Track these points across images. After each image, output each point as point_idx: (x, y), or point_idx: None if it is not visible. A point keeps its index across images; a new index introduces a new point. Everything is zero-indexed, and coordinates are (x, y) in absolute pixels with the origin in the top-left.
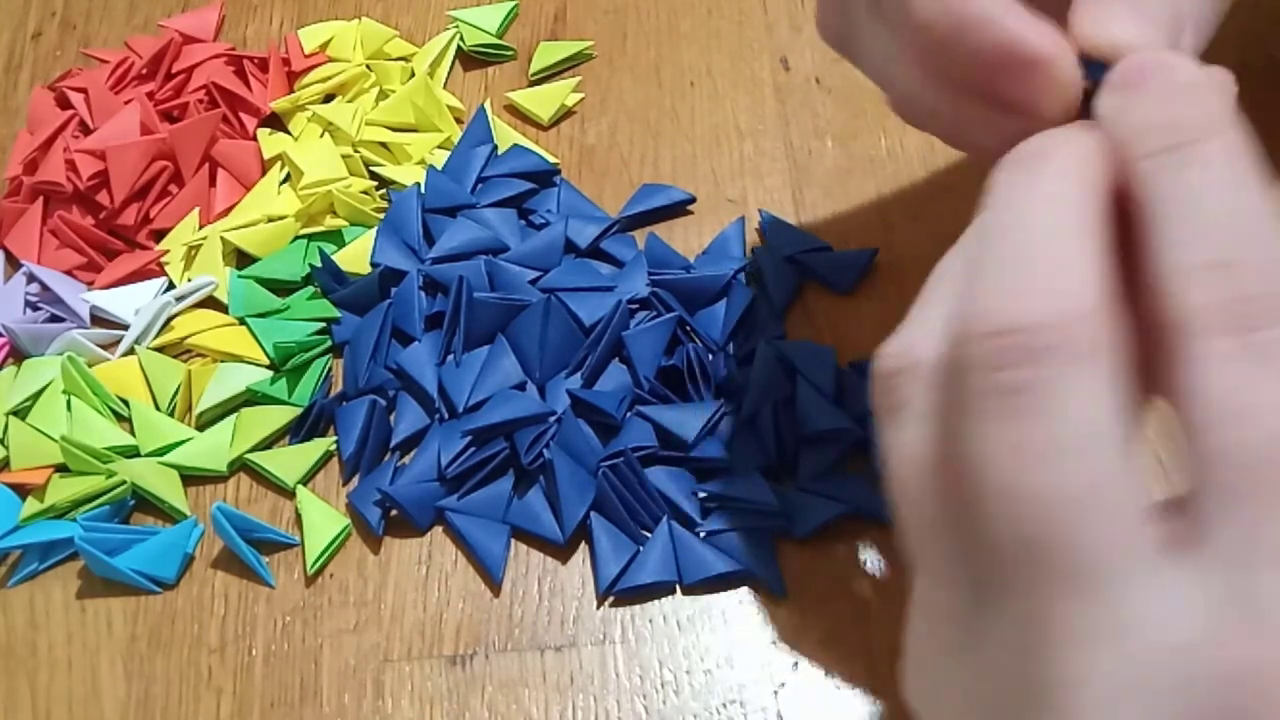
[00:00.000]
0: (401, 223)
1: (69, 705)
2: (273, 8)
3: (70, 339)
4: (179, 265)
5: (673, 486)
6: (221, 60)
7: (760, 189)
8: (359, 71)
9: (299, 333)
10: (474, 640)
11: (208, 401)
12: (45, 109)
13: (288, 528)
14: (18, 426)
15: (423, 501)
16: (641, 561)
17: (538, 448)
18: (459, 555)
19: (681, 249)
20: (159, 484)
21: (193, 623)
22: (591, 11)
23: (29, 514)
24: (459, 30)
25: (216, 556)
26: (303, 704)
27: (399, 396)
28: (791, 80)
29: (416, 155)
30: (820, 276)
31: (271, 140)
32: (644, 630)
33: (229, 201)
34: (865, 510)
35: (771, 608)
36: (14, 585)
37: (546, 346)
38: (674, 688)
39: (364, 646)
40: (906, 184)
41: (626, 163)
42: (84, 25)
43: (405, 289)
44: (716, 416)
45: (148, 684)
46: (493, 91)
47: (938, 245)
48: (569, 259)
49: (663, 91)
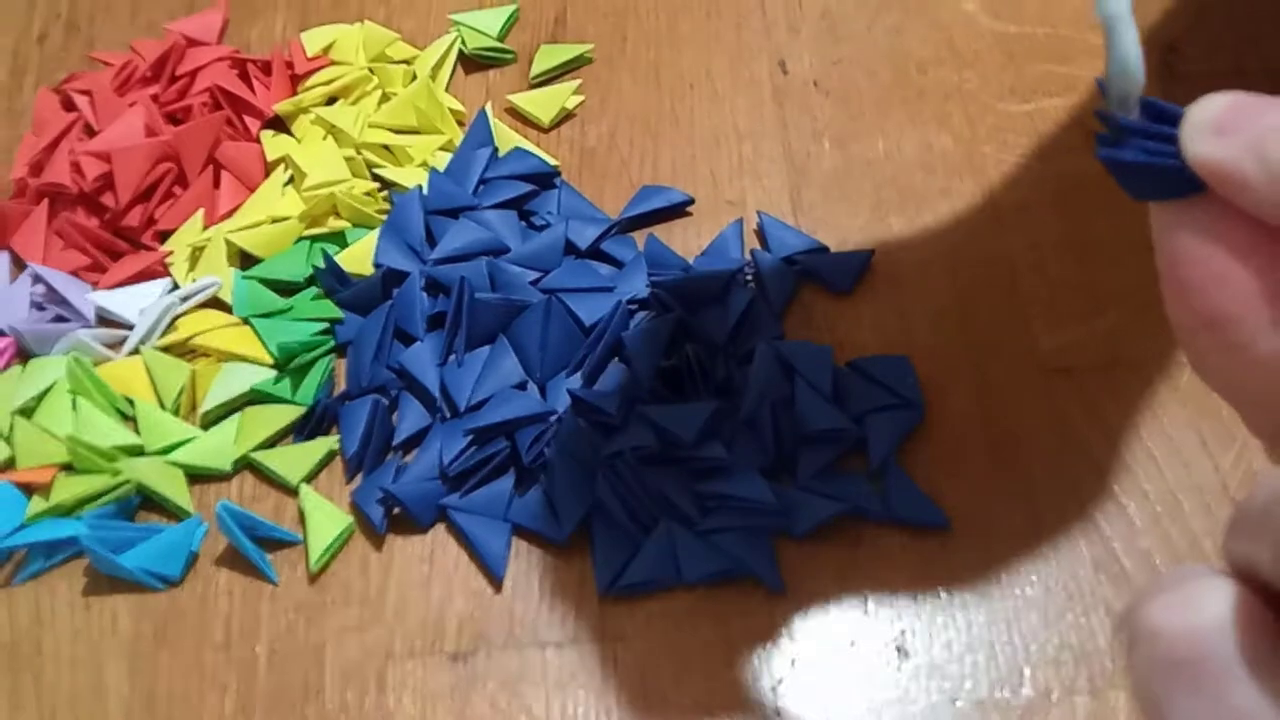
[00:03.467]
0: (404, 224)
1: (74, 703)
2: (276, 11)
3: (75, 339)
4: (183, 266)
5: (672, 486)
6: (225, 63)
7: (759, 190)
8: (361, 74)
9: (302, 333)
10: (476, 637)
11: (212, 401)
12: (50, 111)
13: (291, 526)
14: (24, 426)
15: (425, 500)
16: (641, 559)
17: (538, 447)
18: (461, 553)
19: (681, 250)
20: (164, 482)
21: (197, 620)
22: (591, 15)
23: (35, 512)
24: (460, 34)
25: (221, 554)
26: (306, 701)
27: (401, 396)
28: (790, 83)
29: (418, 157)
30: (818, 277)
31: (275, 142)
32: (644, 628)
33: (233, 203)
34: (863, 509)
35: (770, 605)
36: (20, 583)
37: (547, 346)
38: (673, 685)
39: (367, 643)
40: (904, 185)
41: (626, 164)
42: (88, 28)
43: (407, 290)
44: (716, 416)
45: (152, 681)
46: (494, 94)
47: (934, 246)
48: (569, 260)
49: (662, 94)
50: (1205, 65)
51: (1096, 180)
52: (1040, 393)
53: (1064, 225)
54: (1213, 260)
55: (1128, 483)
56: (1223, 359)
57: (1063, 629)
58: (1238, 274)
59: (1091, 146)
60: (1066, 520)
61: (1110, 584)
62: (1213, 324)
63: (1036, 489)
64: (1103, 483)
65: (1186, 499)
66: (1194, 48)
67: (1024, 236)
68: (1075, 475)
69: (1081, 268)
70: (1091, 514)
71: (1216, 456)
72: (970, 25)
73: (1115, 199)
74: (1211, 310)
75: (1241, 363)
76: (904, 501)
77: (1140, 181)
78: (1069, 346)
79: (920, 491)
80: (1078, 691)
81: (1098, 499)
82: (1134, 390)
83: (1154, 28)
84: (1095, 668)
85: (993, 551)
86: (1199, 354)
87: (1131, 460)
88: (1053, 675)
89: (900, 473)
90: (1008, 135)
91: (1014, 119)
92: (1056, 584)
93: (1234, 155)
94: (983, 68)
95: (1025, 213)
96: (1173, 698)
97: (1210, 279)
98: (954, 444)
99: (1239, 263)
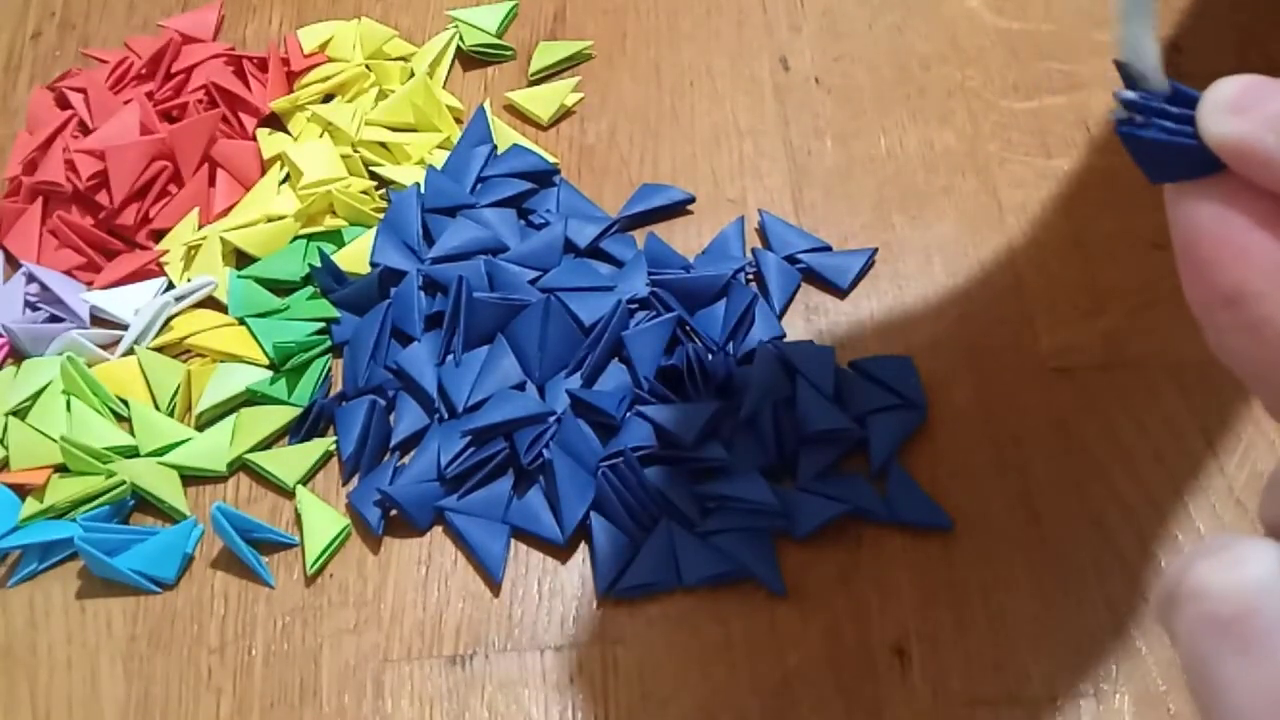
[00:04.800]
0: (401, 223)
1: (69, 705)
2: (272, 8)
3: (70, 339)
4: (178, 265)
5: (672, 486)
6: (221, 60)
7: (760, 189)
8: (358, 71)
9: (298, 333)
10: (474, 640)
11: (207, 401)
12: (45, 109)
13: (287, 528)
14: (17, 427)
15: (422, 501)
16: (641, 561)
17: (537, 448)
18: (459, 555)
19: (681, 249)
20: (159, 484)
21: (192, 623)
22: (591, 11)
23: (29, 514)
24: (458, 30)
25: (216, 556)
26: (302, 704)
27: (398, 396)
28: (791, 80)
29: (416, 155)
30: (820, 276)
31: (271, 140)
32: (643, 630)
33: (228, 201)
34: (865, 510)
35: (771, 607)
36: (14, 585)
37: (546, 346)
38: (673, 688)
39: (364, 646)
40: (906, 183)
41: (626, 162)
42: (83, 25)
43: (405, 289)
44: (716, 416)
45: (147, 684)
46: (492, 91)
47: (937, 245)
48: (568, 259)
49: (662, 91)
50: (1208, 65)
51: (1099, 179)
52: (1042, 392)
53: (1066, 224)
54: (1232, 236)
55: (1131, 483)
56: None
57: (1067, 630)
58: (1258, 249)
59: (1094, 144)
60: (1069, 521)
61: (1114, 586)
62: (1232, 301)
63: (1039, 489)
64: (1106, 483)
65: (1191, 500)
66: (1197, 47)
67: (1026, 235)
68: (1078, 475)
69: (1083, 267)
70: (1095, 514)
71: (1221, 457)
72: (973, 22)
73: (1117, 198)
74: (1231, 287)
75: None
76: (906, 502)
77: (1159, 161)
78: (1070, 346)
79: (922, 492)
80: (1082, 695)
81: (1101, 499)
82: (1136, 390)
83: (1157, 28)
84: (1099, 670)
85: (995, 552)
86: (1218, 333)
87: (1135, 460)
88: (1056, 678)
89: (902, 473)
90: (1011, 133)
91: (1017, 116)
92: (1060, 584)
93: (1253, 132)
94: (986, 65)
95: (1027, 211)
96: (1220, 656)
97: (1230, 255)
98: (955, 444)
99: (1258, 238)
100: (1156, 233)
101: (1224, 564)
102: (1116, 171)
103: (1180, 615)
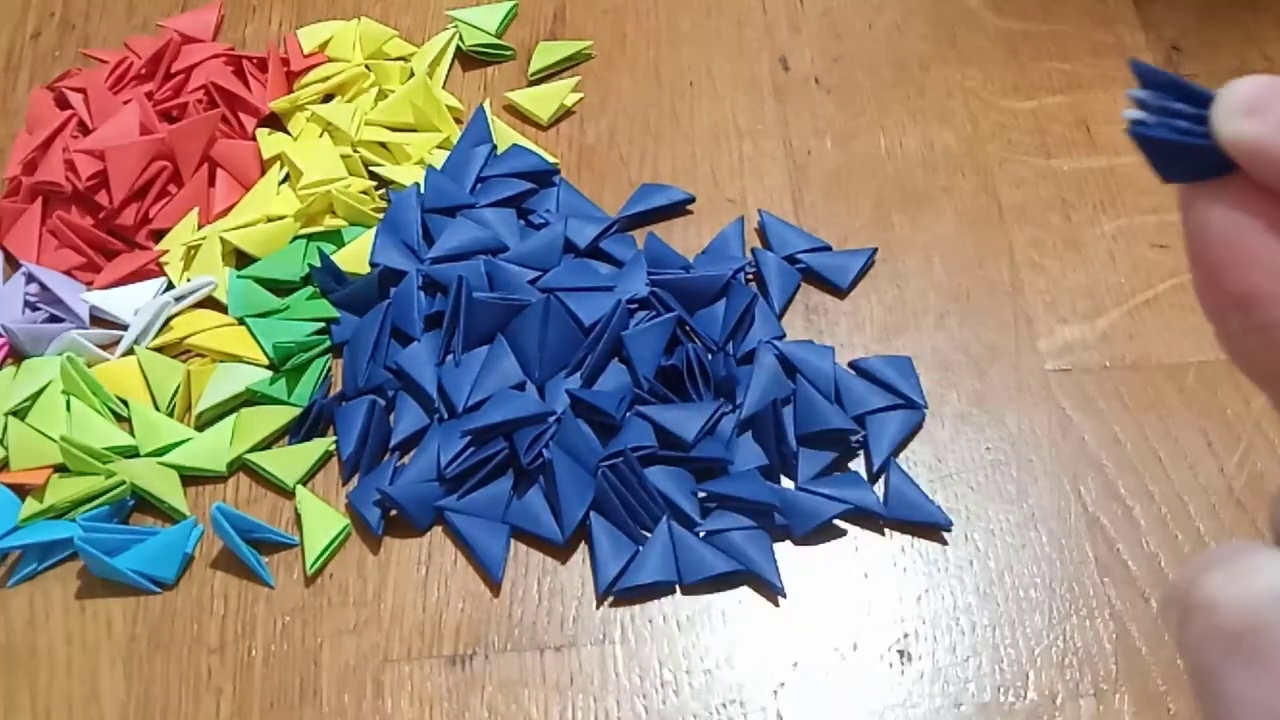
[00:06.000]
0: (401, 223)
1: (69, 706)
2: (272, 8)
3: (69, 339)
4: (178, 265)
5: (673, 486)
6: (220, 60)
7: (760, 189)
8: (358, 71)
9: (298, 333)
10: (473, 640)
11: (207, 402)
12: (44, 109)
13: (287, 528)
14: (17, 427)
15: (422, 501)
16: (641, 561)
17: (537, 448)
18: (458, 555)
19: (681, 249)
20: (158, 484)
21: (192, 623)
22: (591, 11)
23: (28, 514)
24: (458, 30)
25: (216, 557)
26: (302, 704)
27: (398, 396)
28: (791, 80)
29: (416, 155)
30: (820, 276)
31: (271, 140)
32: (644, 630)
33: (228, 201)
34: (864, 510)
35: (771, 607)
36: (13, 585)
37: (546, 346)
38: (674, 687)
39: (364, 646)
40: (906, 183)
41: (626, 162)
42: (83, 25)
43: (404, 289)
44: (716, 416)
45: (147, 684)
46: (492, 91)
47: (936, 245)
48: (568, 259)
49: (662, 91)
50: (1208, 65)
51: (1099, 179)
52: (1041, 392)
53: (1066, 224)
54: (1245, 238)
55: (1132, 484)
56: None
57: (1067, 631)
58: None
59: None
60: (1069, 521)
61: (1114, 586)
62: (1244, 303)
63: (1039, 490)
64: (1105, 484)
65: (1192, 500)
66: (1196, 48)
67: (1026, 235)
68: (1078, 476)
69: (1083, 267)
70: (1095, 515)
71: (1222, 458)
72: (973, 22)
73: (1118, 198)
74: (1244, 289)
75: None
76: (906, 502)
77: (1171, 161)
78: (1070, 346)
79: (922, 492)
80: (1083, 694)
81: (1101, 500)
82: (1135, 390)
83: (1157, 28)
84: (1100, 670)
85: (995, 553)
86: (1230, 336)
87: (1135, 461)
88: (1057, 678)
89: (902, 473)
90: (1010, 133)
91: (1017, 116)
92: (1060, 586)
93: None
94: (985, 65)
95: (1027, 211)
96: (1229, 670)
97: (1243, 257)
98: (955, 444)
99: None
100: (1156, 233)
101: (1234, 576)
102: (1116, 171)
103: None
